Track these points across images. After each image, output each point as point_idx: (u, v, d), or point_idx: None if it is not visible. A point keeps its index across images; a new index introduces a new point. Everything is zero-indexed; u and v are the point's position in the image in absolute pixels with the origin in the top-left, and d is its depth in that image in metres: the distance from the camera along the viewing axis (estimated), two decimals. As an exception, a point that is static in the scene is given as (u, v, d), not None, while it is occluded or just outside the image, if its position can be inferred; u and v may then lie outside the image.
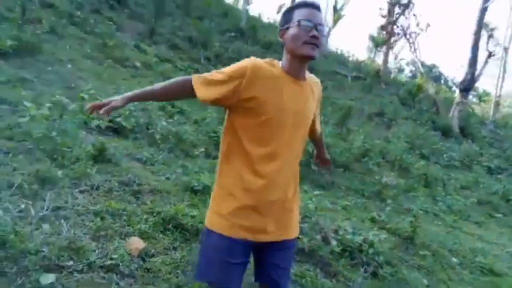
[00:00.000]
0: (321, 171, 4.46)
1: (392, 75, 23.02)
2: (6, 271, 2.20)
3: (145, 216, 3.15)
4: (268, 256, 1.82)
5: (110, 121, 4.96)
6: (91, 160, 3.78)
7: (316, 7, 1.76)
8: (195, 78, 1.70)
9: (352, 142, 8.79)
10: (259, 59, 1.75)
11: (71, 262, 2.42)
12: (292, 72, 1.74)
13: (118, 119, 5.09)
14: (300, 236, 3.56)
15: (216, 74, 1.71)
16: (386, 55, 21.08)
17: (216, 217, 1.74)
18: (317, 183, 6.52)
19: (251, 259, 1.85)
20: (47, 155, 3.57)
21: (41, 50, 6.81)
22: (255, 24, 15.73)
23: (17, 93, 4.90)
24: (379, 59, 22.83)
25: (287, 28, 1.75)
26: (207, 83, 1.69)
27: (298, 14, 1.73)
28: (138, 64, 8.67)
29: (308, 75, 1.85)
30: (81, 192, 3.22)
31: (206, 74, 1.72)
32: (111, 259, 2.57)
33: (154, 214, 3.20)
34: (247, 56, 1.80)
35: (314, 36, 1.68)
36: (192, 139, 5.72)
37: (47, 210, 2.82)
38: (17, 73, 5.63)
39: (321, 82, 1.99)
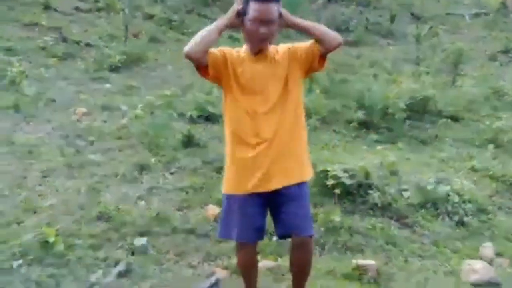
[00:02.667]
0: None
1: (522, 2, 19.71)
2: (111, 238, 2.89)
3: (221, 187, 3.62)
4: (280, 204, 2.04)
5: (201, 110, 5.59)
6: (182, 146, 4.41)
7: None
8: None
9: (461, 89, 8.07)
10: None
11: (158, 228, 3.02)
12: (257, 53, 2.03)
13: (209, 108, 5.69)
14: (370, 192, 3.65)
15: None
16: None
17: (226, 182, 2.09)
18: (417, 139, 6.28)
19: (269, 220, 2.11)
20: (145, 147, 4.31)
21: (145, 58, 7.85)
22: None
23: (126, 99, 5.87)
24: (503, -13, 19.72)
25: (244, 18, 1.98)
26: None
27: (251, 10, 1.94)
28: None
29: (272, 49, 2.08)
30: (170, 173, 3.86)
31: None
32: (191, 224, 3.10)
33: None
34: (344, 21, 2.11)
35: (262, 33, 1.93)
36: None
37: (143, 190, 3.50)
38: (126, 82, 6.67)
39: (431, 28, 2.07)
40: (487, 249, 3.20)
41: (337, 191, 3.67)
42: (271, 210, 2.10)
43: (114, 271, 2.53)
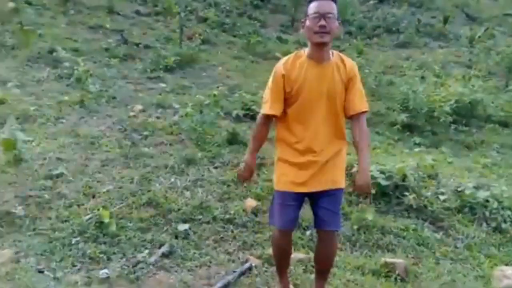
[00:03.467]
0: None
1: None
2: (158, 223, 3.20)
3: (261, 183, 3.85)
4: (318, 201, 2.27)
5: (246, 109, 5.86)
6: (226, 143, 4.68)
7: None
8: (261, 113, 2.29)
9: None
10: (285, 57, 2.23)
11: (200, 216, 3.30)
12: (314, 57, 2.16)
13: (253, 107, 5.93)
14: (406, 193, 3.70)
15: (265, 96, 2.25)
16: None
17: (275, 179, 2.33)
18: (462, 143, 6.15)
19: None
20: (193, 143, 4.63)
21: (198, 60, 8.26)
22: (401, -16, 14.77)
23: (179, 98, 6.26)
24: None
25: (305, 21, 2.16)
26: (268, 106, 2.22)
27: (311, 7, 2.13)
28: (278, 54, 9.48)
29: (336, 56, 2.21)
30: (215, 167, 4.14)
31: (263, 105, 2.27)
32: (230, 214, 3.35)
33: (270, 181, 3.86)
34: (395, 22, 2.28)
35: (321, 25, 2.05)
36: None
37: (189, 182, 3.80)
38: (179, 82, 7.08)
39: (486, 29, 2.21)
40: (524, 256, 3.17)
41: (373, 191, 3.76)
42: (310, 204, 2.32)
43: (158, 252, 2.82)
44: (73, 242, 2.89)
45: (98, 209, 3.18)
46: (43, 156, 4.06)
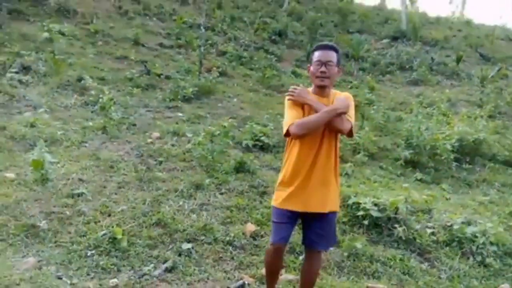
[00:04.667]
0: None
1: None
2: (164, 241, 3.55)
3: (262, 210, 4.17)
4: (309, 224, 2.60)
5: (256, 139, 6.24)
6: (234, 171, 5.04)
7: (328, 48, 2.56)
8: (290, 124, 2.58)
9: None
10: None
11: (203, 237, 3.63)
12: (316, 94, 2.56)
13: (262, 138, 6.31)
14: (396, 226, 3.96)
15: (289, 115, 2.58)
16: None
17: (274, 197, 2.66)
18: (464, 181, 6.35)
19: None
20: (203, 169, 5.01)
21: (215, 91, 8.76)
22: (415, 24, 15.26)
23: (193, 127, 6.70)
24: None
25: (310, 66, 2.58)
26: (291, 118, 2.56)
27: (315, 55, 2.56)
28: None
29: (333, 92, 2.61)
30: (220, 193, 4.49)
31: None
32: (230, 236, 3.67)
33: (270, 208, 4.17)
34: (408, 60, 2.73)
35: (322, 71, 2.47)
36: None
37: (195, 205, 4.15)
38: (196, 111, 7.55)
39: (499, 69, 2.52)
40: (504, 289, 3.36)
41: (365, 222, 4.04)
42: (302, 224, 2.65)
43: (162, 266, 3.15)
44: (88, 254, 3.25)
45: (112, 227, 3.55)
46: (66, 177, 4.49)
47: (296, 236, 3.55)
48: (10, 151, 4.98)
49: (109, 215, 3.86)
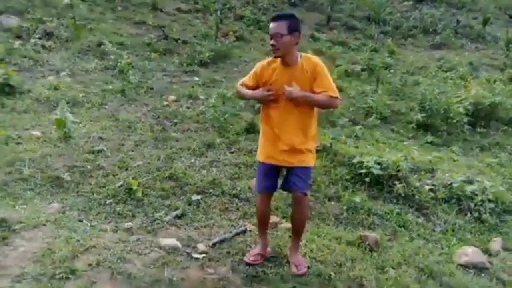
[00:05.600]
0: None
1: None
2: (176, 193, 3.84)
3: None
4: (290, 170, 2.82)
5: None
6: (244, 132, 5.25)
7: (276, 19, 2.70)
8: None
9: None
10: (265, 59, 2.80)
11: (211, 190, 3.90)
12: (283, 63, 2.73)
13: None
14: (396, 182, 4.12)
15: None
16: None
17: (259, 152, 2.89)
18: (476, 144, 6.36)
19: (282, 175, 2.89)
20: (215, 130, 5.24)
21: (231, 55, 8.86)
22: (441, -16, 14.65)
23: (208, 90, 6.90)
24: None
25: None
26: (245, 79, 2.89)
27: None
28: (310, 52, 9.87)
29: (304, 58, 2.73)
30: (230, 152, 4.73)
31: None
32: (237, 190, 3.93)
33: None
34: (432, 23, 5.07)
35: (272, 45, 2.66)
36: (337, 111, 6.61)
37: (206, 162, 4.42)
38: (211, 76, 7.73)
39: None
40: (496, 243, 3.52)
41: (367, 179, 4.21)
42: (286, 172, 2.88)
43: (173, 214, 3.45)
44: (107, 202, 3.58)
45: (129, 179, 3.85)
46: (87, 135, 4.81)
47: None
48: (36, 112, 5.33)
49: (126, 169, 4.16)
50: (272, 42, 2.66)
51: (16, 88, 5.81)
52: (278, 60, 2.75)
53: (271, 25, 2.68)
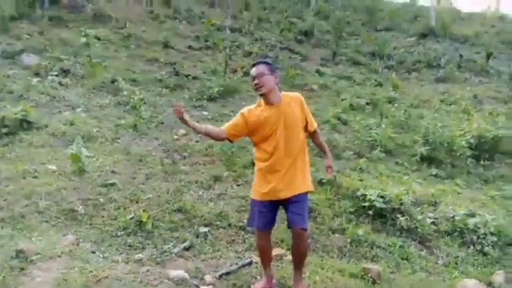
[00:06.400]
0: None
1: None
2: (184, 225, 3.98)
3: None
4: (287, 207, 2.94)
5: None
6: (251, 165, 5.41)
7: (257, 64, 2.96)
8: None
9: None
10: (251, 106, 2.99)
11: (218, 222, 4.03)
12: (267, 103, 2.91)
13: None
14: (398, 215, 4.21)
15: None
16: None
17: (253, 190, 3.03)
18: (480, 177, 6.43)
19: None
20: (223, 164, 5.42)
21: (239, 90, 9.17)
22: (445, 20, 15.09)
23: (217, 124, 7.12)
24: None
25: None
26: (227, 124, 3.07)
27: (251, 73, 2.94)
28: (315, 87, 10.21)
29: (285, 96, 2.94)
30: (237, 185, 4.88)
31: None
32: (243, 222, 4.05)
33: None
34: (436, 57, 3.48)
35: (255, 83, 2.87)
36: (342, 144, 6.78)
37: (213, 195, 4.57)
38: (220, 110, 8.00)
39: None
40: (499, 275, 3.55)
41: (370, 212, 4.32)
42: (284, 208, 2.98)
43: (181, 246, 3.58)
44: (118, 234, 3.72)
45: (140, 212, 4.01)
46: (100, 169, 5.01)
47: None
48: (52, 146, 5.58)
49: (137, 202, 4.32)
50: (255, 81, 2.86)
51: (34, 124, 6.09)
52: (262, 103, 2.93)
53: (253, 69, 2.91)
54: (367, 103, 9.15)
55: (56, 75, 8.13)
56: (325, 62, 12.62)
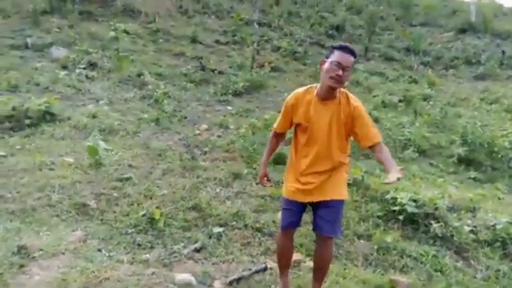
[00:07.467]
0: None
1: None
2: (198, 224, 3.75)
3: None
4: (316, 211, 2.64)
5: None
6: (273, 162, 5.14)
7: (350, 52, 2.50)
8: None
9: None
10: (299, 89, 2.64)
11: (234, 223, 3.78)
12: (320, 95, 2.56)
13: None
14: (432, 222, 3.83)
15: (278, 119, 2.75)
16: None
17: (284, 188, 2.75)
18: (524, 182, 5.91)
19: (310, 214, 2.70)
20: (243, 160, 5.17)
21: (266, 86, 8.91)
22: (486, 15, 14.25)
23: (240, 120, 6.89)
24: None
25: (325, 62, 2.54)
26: (276, 123, 2.76)
27: (336, 55, 2.48)
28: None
29: (342, 95, 2.56)
30: (256, 183, 4.60)
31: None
32: (260, 224, 3.79)
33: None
34: (475, 54, 2.86)
35: (339, 75, 2.43)
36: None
37: (231, 193, 4.33)
38: (244, 105, 7.76)
39: None
40: (546, 294, 3.14)
41: (401, 217, 3.95)
42: (313, 211, 2.70)
43: (192, 247, 3.35)
44: (128, 232, 3.54)
45: (152, 208, 3.82)
46: (118, 163, 4.87)
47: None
48: (72, 139, 5.50)
49: (151, 198, 4.14)
50: (340, 73, 2.43)
51: (57, 116, 6.05)
52: (314, 92, 2.59)
53: (344, 55, 2.47)
54: (400, 100, 8.67)
55: (84, 68, 8.13)
56: (357, 57, 12.15)
